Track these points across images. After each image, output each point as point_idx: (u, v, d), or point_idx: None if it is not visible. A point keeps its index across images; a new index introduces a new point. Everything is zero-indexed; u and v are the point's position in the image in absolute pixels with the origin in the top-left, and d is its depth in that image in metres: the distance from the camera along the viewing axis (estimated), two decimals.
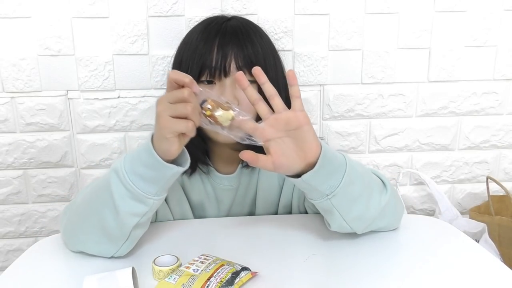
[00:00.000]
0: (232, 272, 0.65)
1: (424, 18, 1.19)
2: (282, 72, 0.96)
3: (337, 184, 0.71)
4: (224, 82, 0.86)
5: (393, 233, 0.86)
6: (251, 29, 0.93)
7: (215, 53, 0.86)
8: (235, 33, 0.89)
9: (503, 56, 1.23)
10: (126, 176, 0.70)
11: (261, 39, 0.93)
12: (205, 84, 0.87)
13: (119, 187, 0.71)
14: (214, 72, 0.85)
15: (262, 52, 0.90)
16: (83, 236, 0.77)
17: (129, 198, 0.71)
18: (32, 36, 1.11)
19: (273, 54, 0.95)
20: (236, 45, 0.87)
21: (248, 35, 0.90)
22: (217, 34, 0.88)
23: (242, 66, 0.86)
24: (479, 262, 0.76)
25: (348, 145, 1.27)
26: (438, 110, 1.26)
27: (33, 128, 1.17)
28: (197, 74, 0.87)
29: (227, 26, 0.90)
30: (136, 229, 0.75)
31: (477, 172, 1.32)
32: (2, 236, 1.25)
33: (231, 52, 0.86)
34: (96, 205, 0.75)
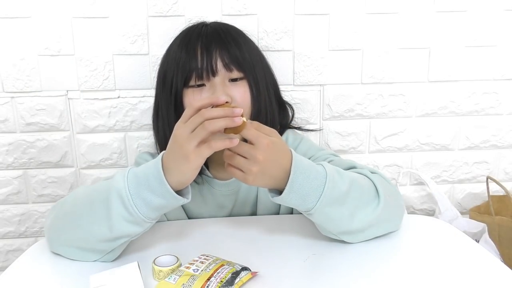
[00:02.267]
0: (232, 272, 0.65)
1: (424, 18, 1.19)
2: (268, 68, 0.99)
3: (312, 207, 0.71)
4: (213, 81, 0.87)
5: (393, 233, 0.86)
6: (232, 29, 0.95)
7: (199, 55, 0.86)
8: (217, 33, 0.90)
9: (503, 56, 1.23)
10: (130, 199, 0.68)
11: (244, 39, 0.94)
12: (195, 88, 0.88)
13: (120, 208, 0.69)
14: (202, 73, 0.86)
15: (246, 49, 0.91)
16: (67, 242, 0.76)
17: (128, 221, 0.70)
18: (32, 36, 1.11)
19: (257, 52, 0.96)
20: (219, 44, 0.88)
21: (230, 33, 0.92)
22: (198, 38, 0.89)
23: (228, 63, 0.87)
24: (479, 262, 0.76)
25: (348, 145, 1.27)
26: (438, 110, 1.26)
27: (33, 128, 1.17)
28: (183, 80, 0.87)
29: (207, 29, 0.92)
30: (123, 245, 0.75)
31: (477, 172, 1.32)
32: (2, 236, 1.25)
33: (215, 51, 0.87)
34: (88, 217, 0.73)
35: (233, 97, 0.87)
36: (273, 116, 0.96)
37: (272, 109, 0.96)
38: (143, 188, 0.68)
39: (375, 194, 0.77)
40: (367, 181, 0.78)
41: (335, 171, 0.73)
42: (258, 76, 0.92)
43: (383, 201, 0.76)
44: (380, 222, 0.78)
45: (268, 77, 0.97)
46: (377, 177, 0.81)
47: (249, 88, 0.90)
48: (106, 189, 0.71)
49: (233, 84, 0.89)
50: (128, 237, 0.73)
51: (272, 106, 0.96)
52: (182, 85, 0.88)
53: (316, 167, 0.72)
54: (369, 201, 0.76)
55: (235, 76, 0.89)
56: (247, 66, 0.90)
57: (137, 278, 0.63)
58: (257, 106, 0.92)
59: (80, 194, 0.78)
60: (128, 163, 1.22)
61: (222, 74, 0.87)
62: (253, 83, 0.91)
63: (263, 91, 0.93)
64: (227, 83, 0.88)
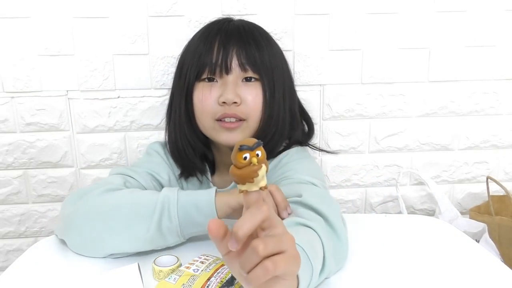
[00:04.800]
0: None
1: (424, 18, 1.19)
2: (289, 77, 0.95)
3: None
4: (225, 79, 0.84)
5: (393, 233, 0.86)
6: (255, 29, 0.91)
7: (216, 50, 0.84)
8: (237, 30, 0.87)
9: (503, 56, 1.23)
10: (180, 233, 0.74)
11: (267, 40, 0.90)
12: (206, 82, 0.86)
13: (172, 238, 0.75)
14: (215, 69, 0.84)
15: (267, 51, 0.87)
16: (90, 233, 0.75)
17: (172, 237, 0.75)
18: (32, 36, 1.11)
19: (279, 56, 0.92)
20: (238, 42, 0.85)
21: (251, 33, 0.88)
22: (218, 33, 0.87)
23: (244, 63, 0.84)
24: (479, 262, 0.76)
25: (348, 145, 1.27)
26: (438, 110, 1.26)
27: (33, 128, 1.17)
28: (196, 73, 0.86)
29: (229, 25, 0.89)
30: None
31: (477, 172, 1.32)
32: (2, 236, 1.25)
33: (232, 49, 0.84)
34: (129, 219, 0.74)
35: (243, 98, 0.84)
36: (283, 127, 0.91)
37: (284, 119, 0.91)
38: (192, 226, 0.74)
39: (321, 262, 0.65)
40: (320, 250, 0.64)
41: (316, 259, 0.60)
42: (275, 81, 0.88)
43: (327, 269, 0.65)
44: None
45: (286, 85, 0.92)
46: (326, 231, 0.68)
47: (263, 91, 0.87)
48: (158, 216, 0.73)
49: (246, 85, 0.86)
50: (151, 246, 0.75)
51: (285, 116, 0.92)
52: (194, 78, 0.86)
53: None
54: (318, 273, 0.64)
55: (249, 76, 0.86)
56: (264, 68, 0.86)
57: (137, 280, 0.63)
58: (268, 112, 0.88)
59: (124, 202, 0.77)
60: (128, 163, 1.22)
61: (236, 73, 0.85)
62: (268, 87, 0.87)
63: (278, 97, 0.89)
64: (240, 82, 0.86)
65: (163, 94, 1.18)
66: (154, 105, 1.19)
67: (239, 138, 0.86)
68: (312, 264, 0.58)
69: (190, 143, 0.91)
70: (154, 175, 0.94)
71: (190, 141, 0.91)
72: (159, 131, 1.20)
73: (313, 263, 0.58)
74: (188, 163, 0.93)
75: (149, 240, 0.73)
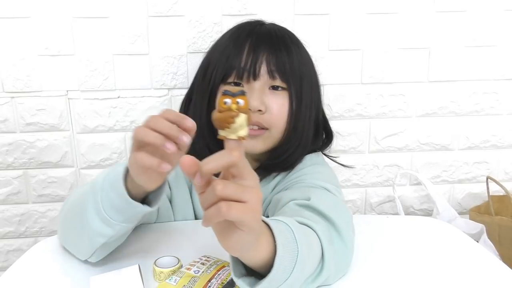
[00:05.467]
0: None
1: (424, 18, 1.19)
2: (317, 87, 0.91)
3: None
4: (252, 85, 0.81)
5: (393, 234, 0.86)
6: (287, 35, 0.87)
7: (245, 54, 0.81)
8: (269, 35, 0.84)
9: (503, 56, 1.23)
10: (99, 195, 0.64)
11: (298, 48, 0.87)
12: (232, 86, 0.84)
13: (91, 203, 0.65)
14: (243, 73, 0.81)
15: (298, 60, 0.84)
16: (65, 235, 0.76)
17: (98, 219, 0.65)
18: (32, 36, 1.11)
19: (309, 66, 0.88)
20: (269, 47, 0.81)
21: (283, 39, 0.85)
22: (249, 35, 0.83)
23: (274, 71, 0.81)
24: (479, 262, 0.76)
25: (348, 145, 1.27)
26: (438, 110, 1.26)
27: (33, 128, 1.17)
28: (222, 76, 0.83)
29: (261, 29, 0.86)
30: (104, 247, 0.70)
31: (477, 172, 1.33)
32: (2, 236, 1.25)
33: (262, 54, 0.81)
34: (75, 211, 0.70)
35: (269, 106, 0.81)
36: (307, 140, 0.88)
37: (308, 132, 0.88)
38: (112, 186, 0.63)
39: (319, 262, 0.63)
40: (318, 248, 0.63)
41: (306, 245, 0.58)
42: (304, 91, 0.85)
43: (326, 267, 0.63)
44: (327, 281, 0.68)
45: (314, 96, 0.89)
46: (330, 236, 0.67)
47: (289, 101, 0.83)
48: (90, 182, 0.68)
49: (273, 93, 0.82)
50: (103, 237, 0.67)
51: (310, 129, 0.88)
52: (220, 80, 0.83)
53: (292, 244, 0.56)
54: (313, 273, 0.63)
55: (277, 84, 0.82)
56: (293, 78, 0.83)
57: (138, 281, 0.63)
58: (293, 124, 0.84)
59: (78, 190, 0.75)
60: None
61: (264, 80, 0.81)
62: (295, 97, 0.83)
63: (304, 109, 0.85)
64: (267, 90, 0.82)
65: (163, 94, 1.18)
66: (154, 105, 1.19)
67: (260, 145, 0.84)
68: (299, 248, 0.55)
69: (209, 147, 0.86)
70: None
71: (208, 144, 0.86)
72: None
73: (299, 247, 0.55)
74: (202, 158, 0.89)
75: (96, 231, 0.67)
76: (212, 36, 1.15)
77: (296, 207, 0.72)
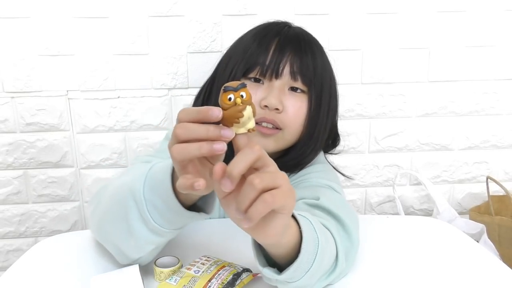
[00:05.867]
0: (233, 274, 0.65)
1: (424, 18, 1.19)
2: (335, 95, 0.91)
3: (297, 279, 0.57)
4: (273, 83, 0.81)
5: (393, 233, 0.86)
6: (314, 41, 0.88)
7: (271, 52, 0.81)
8: (297, 37, 0.84)
9: (503, 56, 1.23)
10: (144, 205, 0.58)
11: (322, 55, 0.87)
12: (252, 82, 0.83)
13: (135, 213, 0.60)
14: (266, 70, 0.80)
15: (321, 67, 0.84)
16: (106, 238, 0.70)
17: (146, 228, 0.60)
18: (32, 36, 1.11)
19: (330, 74, 0.89)
20: (295, 49, 0.82)
21: (310, 44, 0.85)
22: (277, 35, 0.83)
23: (296, 72, 0.81)
24: (479, 262, 0.76)
25: (348, 145, 1.27)
26: (438, 110, 1.26)
27: (33, 128, 1.17)
28: (244, 69, 0.82)
29: (290, 30, 0.86)
30: (153, 252, 0.67)
31: (477, 172, 1.33)
32: (2, 236, 1.25)
33: (288, 55, 0.81)
34: (115, 216, 0.64)
35: (286, 107, 0.81)
36: (321, 145, 0.88)
37: (323, 138, 0.88)
38: (157, 195, 0.58)
39: (334, 259, 0.64)
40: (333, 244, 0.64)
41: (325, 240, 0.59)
42: (323, 97, 0.84)
43: (340, 262, 0.65)
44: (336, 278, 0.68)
45: (332, 104, 0.89)
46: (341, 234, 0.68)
47: (308, 104, 0.83)
48: (126, 188, 0.61)
49: (291, 94, 0.82)
50: (152, 245, 0.64)
51: (325, 134, 0.88)
52: (241, 74, 0.83)
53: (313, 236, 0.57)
54: (328, 269, 0.64)
55: (297, 86, 0.82)
56: (314, 82, 0.83)
57: (138, 281, 0.63)
58: (310, 129, 0.84)
59: (112, 187, 0.68)
60: (128, 163, 1.22)
61: (285, 79, 0.81)
62: (314, 101, 0.83)
63: (322, 115, 0.85)
64: (286, 90, 0.82)
65: (163, 94, 1.18)
66: (154, 105, 1.19)
67: (272, 146, 0.83)
68: (318, 237, 0.56)
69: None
70: None
71: None
72: (159, 131, 1.20)
73: (319, 236, 0.57)
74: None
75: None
76: (212, 36, 1.15)
77: (306, 207, 0.73)
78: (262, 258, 0.58)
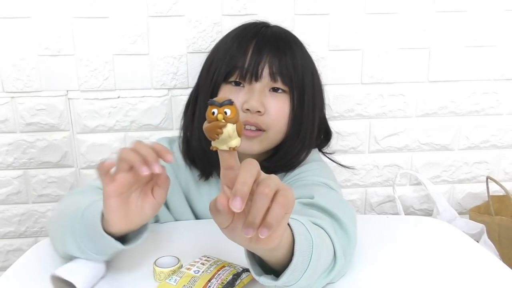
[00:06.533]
0: (233, 274, 0.65)
1: (424, 18, 1.19)
2: (319, 90, 0.91)
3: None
4: (253, 86, 0.82)
5: (393, 233, 0.86)
6: (292, 39, 0.88)
7: (250, 55, 0.82)
8: (274, 38, 0.84)
9: (503, 56, 1.23)
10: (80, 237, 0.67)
11: (301, 52, 0.87)
12: (232, 85, 0.84)
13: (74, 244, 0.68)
14: (245, 74, 0.81)
15: (301, 64, 0.84)
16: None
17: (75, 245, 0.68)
18: (32, 36, 1.11)
19: (312, 71, 0.89)
20: (273, 50, 0.82)
21: (288, 43, 0.85)
22: (254, 37, 0.84)
23: (276, 73, 0.81)
24: (479, 262, 0.76)
25: (348, 145, 1.27)
26: (438, 110, 1.26)
27: (33, 128, 1.17)
28: (225, 74, 0.83)
29: (267, 31, 0.86)
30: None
31: (477, 172, 1.33)
32: (2, 236, 1.25)
33: (266, 56, 0.81)
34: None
35: (268, 109, 0.81)
36: (310, 142, 0.89)
37: (311, 135, 0.88)
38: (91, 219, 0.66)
39: (332, 257, 0.64)
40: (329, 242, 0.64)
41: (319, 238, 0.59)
42: (306, 95, 0.85)
43: (339, 261, 0.65)
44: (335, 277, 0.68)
45: (317, 99, 0.89)
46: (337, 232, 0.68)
47: (291, 104, 0.84)
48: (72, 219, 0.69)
49: (272, 95, 0.83)
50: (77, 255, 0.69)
51: (313, 132, 0.89)
52: (222, 79, 0.84)
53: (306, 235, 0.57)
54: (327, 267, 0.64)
55: (278, 86, 0.83)
56: (295, 81, 0.83)
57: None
58: (295, 127, 0.85)
59: (63, 206, 0.77)
60: None
61: (265, 81, 0.82)
62: (297, 100, 0.84)
63: (307, 112, 0.85)
64: (267, 92, 0.83)
65: (163, 94, 1.18)
66: (154, 105, 1.19)
67: (257, 147, 0.84)
68: (312, 237, 0.56)
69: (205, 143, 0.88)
70: None
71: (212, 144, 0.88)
72: (159, 131, 1.20)
73: (312, 235, 0.56)
74: (212, 163, 0.89)
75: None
76: (212, 36, 1.15)
77: (300, 206, 0.73)
78: (257, 267, 0.57)
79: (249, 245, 0.50)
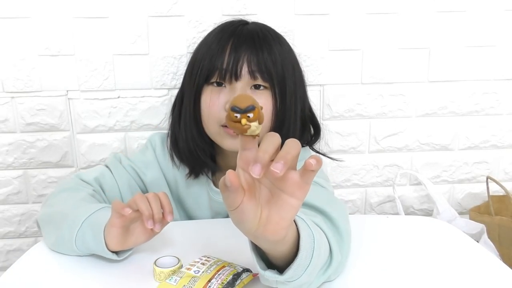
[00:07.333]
0: (233, 274, 0.65)
1: (424, 18, 1.19)
2: (301, 83, 0.92)
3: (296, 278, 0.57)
4: (234, 85, 0.83)
5: (393, 234, 0.86)
6: (269, 34, 0.88)
7: (227, 55, 0.82)
8: (251, 36, 0.85)
9: (503, 56, 1.23)
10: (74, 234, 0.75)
11: (280, 46, 0.88)
12: (214, 86, 0.85)
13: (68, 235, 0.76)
14: (225, 74, 0.82)
15: (280, 59, 0.85)
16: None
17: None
18: (32, 36, 1.11)
19: (292, 63, 0.89)
20: (251, 48, 0.83)
21: (265, 39, 0.86)
22: (231, 36, 0.85)
23: (255, 71, 0.82)
24: (479, 262, 0.76)
25: (348, 145, 1.27)
26: (438, 110, 1.26)
27: (33, 128, 1.17)
28: (206, 76, 0.84)
29: (243, 29, 0.87)
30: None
31: (477, 172, 1.33)
32: (2, 236, 1.25)
33: (244, 55, 0.82)
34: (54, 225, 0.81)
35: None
36: (294, 135, 0.88)
37: (295, 128, 0.89)
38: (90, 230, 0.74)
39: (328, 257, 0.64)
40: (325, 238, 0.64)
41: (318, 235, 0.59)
42: (287, 89, 0.86)
43: (335, 261, 0.65)
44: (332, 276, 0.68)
45: (298, 92, 0.90)
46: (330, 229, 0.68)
47: (273, 99, 0.85)
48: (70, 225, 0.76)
49: (254, 92, 0.84)
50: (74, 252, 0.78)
51: (296, 125, 0.90)
52: (203, 81, 0.85)
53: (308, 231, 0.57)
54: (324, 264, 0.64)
55: (259, 83, 0.84)
56: (275, 77, 0.84)
57: None
58: (280, 121, 0.86)
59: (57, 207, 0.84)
60: None
61: (245, 80, 0.83)
62: (279, 95, 0.85)
63: (289, 106, 0.87)
64: (248, 90, 0.84)
65: (163, 94, 1.18)
66: (154, 105, 1.19)
67: None
68: (313, 233, 0.56)
69: (199, 145, 0.90)
70: (137, 171, 0.96)
71: (198, 142, 0.90)
72: (159, 131, 1.20)
73: (313, 232, 0.56)
74: (200, 163, 0.92)
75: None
76: None
77: None
78: (262, 262, 0.58)
79: (256, 234, 0.49)
